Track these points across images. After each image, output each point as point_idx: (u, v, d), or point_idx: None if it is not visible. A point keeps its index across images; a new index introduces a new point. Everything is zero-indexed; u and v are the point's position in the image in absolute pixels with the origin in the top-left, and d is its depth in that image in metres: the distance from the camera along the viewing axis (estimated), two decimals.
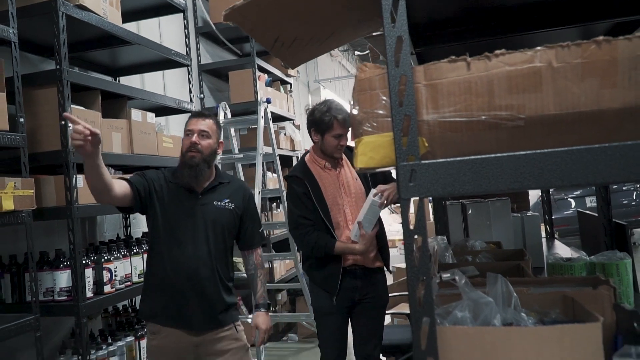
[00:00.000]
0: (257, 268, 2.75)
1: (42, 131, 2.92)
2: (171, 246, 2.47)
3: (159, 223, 2.49)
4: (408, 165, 1.10)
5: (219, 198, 2.57)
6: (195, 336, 2.48)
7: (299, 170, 3.02)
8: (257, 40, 1.54)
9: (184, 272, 2.44)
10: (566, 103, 1.04)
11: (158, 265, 2.50)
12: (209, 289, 2.48)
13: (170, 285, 2.46)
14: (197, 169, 2.48)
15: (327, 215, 2.89)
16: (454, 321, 1.24)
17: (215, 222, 2.52)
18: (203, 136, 2.52)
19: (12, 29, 2.61)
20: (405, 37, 1.08)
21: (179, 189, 2.53)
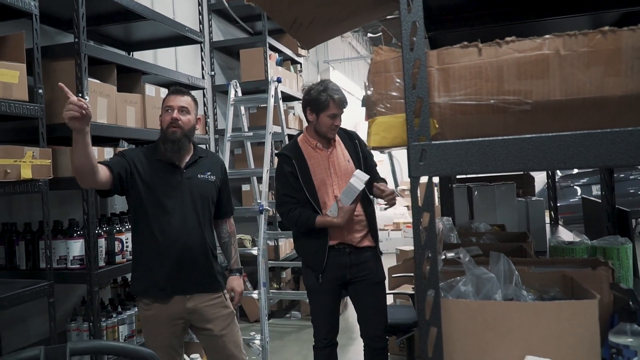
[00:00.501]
0: (230, 236, 2.89)
1: (59, 103, 2.97)
2: (160, 219, 2.54)
3: (144, 199, 2.55)
4: (419, 145, 1.15)
5: (202, 171, 2.67)
6: (188, 303, 2.59)
7: (288, 148, 3.09)
8: (277, 20, 1.59)
9: (176, 243, 2.54)
10: (572, 89, 1.10)
11: (149, 240, 2.56)
12: (200, 257, 2.60)
13: (163, 257, 2.54)
14: (179, 144, 2.56)
15: (314, 195, 2.95)
16: (457, 295, 1.31)
17: (201, 194, 2.63)
18: (183, 112, 2.59)
19: (33, 2, 2.66)
20: (420, 23, 1.13)
21: (161, 164, 2.60)
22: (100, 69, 3.27)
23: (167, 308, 2.58)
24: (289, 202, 2.99)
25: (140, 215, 2.59)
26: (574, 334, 1.17)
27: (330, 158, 3.01)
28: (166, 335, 2.60)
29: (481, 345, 1.21)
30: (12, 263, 3.07)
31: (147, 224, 2.56)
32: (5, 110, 2.45)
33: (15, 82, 2.51)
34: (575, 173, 9.90)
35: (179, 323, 2.62)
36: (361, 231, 2.99)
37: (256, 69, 5.87)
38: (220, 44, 6.06)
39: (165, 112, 2.61)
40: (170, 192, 2.57)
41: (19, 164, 2.45)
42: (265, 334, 4.36)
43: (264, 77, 5.76)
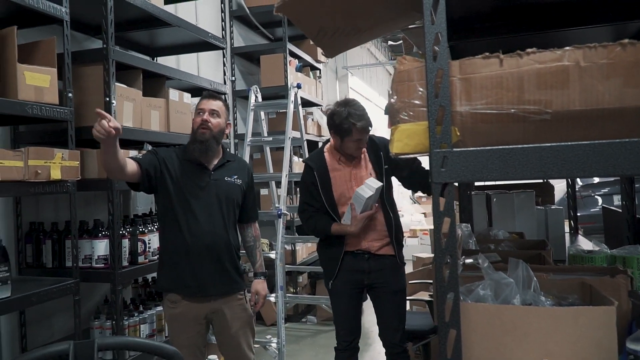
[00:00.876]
0: (255, 240, 2.97)
1: (87, 106, 3.07)
2: (188, 218, 2.63)
3: (173, 197, 2.64)
4: (441, 152, 1.19)
5: (229, 174, 2.76)
6: (212, 303, 2.68)
7: (313, 158, 3.12)
8: (302, 30, 1.64)
9: (203, 243, 2.62)
10: (591, 100, 1.13)
11: (176, 238, 2.65)
12: (225, 257, 2.68)
13: (190, 256, 2.62)
14: (206, 144, 2.66)
15: (333, 206, 2.99)
16: (476, 298, 1.34)
17: (227, 196, 2.71)
18: (213, 115, 2.69)
19: (64, 8, 2.75)
20: (443, 34, 1.17)
21: (190, 165, 2.69)
22: (126, 74, 3.35)
23: (193, 307, 2.65)
24: (309, 210, 3.06)
25: (169, 213, 2.67)
26: (592, 340, 1.20)
27: (352, 171, 3.02)
28: (191, 334, 2.67)
29: (499, 348, 1.24)
30: (39, 261, 3.16)
31: (174, 222, 2.64)
32: (37, 113, 2.53)
33: (47, 86, 2.59)
34: (597, 182, 9.80)
35: (203, 322, 2.70)
36: (380, 240, 3.00)
37: (276, 75, 5.93)
38: (241, 49, 6.13)
39: (197, 114, 2.71)
40: (198, 192, 2.65)
41: (49, 165, 2.53)
42: (282, 337, 4.40)
43: (283, 83, 5.83)
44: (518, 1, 1.78)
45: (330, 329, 5.69)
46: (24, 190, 2.47)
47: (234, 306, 2.73)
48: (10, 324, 3.13)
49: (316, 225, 3.02)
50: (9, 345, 3.12)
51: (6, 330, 3.11)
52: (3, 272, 2.37)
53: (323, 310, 5.98)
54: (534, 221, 3.03)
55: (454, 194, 1.20)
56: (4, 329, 3.10)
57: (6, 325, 3.11)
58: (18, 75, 2.45)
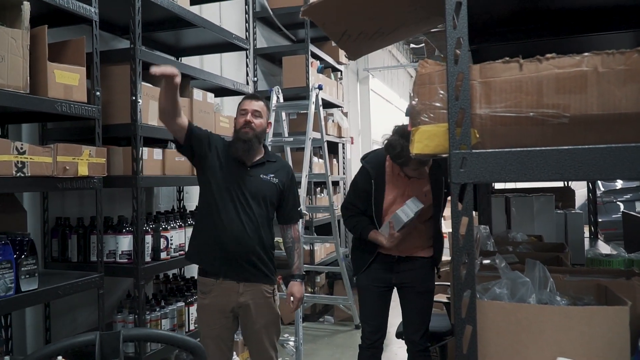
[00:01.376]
0: (294, 242, 3.01)
1: (114, 105, 3.15)
2: (220, 205, 2.73)
3: (214, 182, 2.76)
4: (460, 153, 1.22)
5: (265, 172, 2.84)
6: (240, 297, 2.75)
7: (373, 164, 3.07)
8: (327, 32, 1.68)
9: (229, 230, 2.71)
10: (608, 105, 1.15)
11: (209, 220, 2.76)
12: (253, 250, 2.74)
13: (218, 241, 2.72)
14: (249, 143, 2.76)
15: (379, 215, 3.01)
16: (492, 297, 1.37)
17: (257, 192, 2.78)
18: (256, 115, 2.79)
19: (93, 8, 2.82)
20: (464, 39, 1.21)
21: (232, 159, 2.79)
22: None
23: (221, 299, 2.74)
24: (353, 209, 3.11)
25: (204, 194, 2.81)
26: (605, 339, 1.22)
27: (408, 185, 2.99)
28: (217, 327, 2.76)
29: (514, 345, 1.27)
30: (64, 255, 3.24)
31: (207, 205, 2.77)
32: (66, 111, 2.60)
33: (76, 85, 2.66)
34: (619, 189, 9.70)
35: (229, 316, 2.78)
36: (416, 246, 3.04)
37: (298, 76, 5.98)
38: (263, 50, 6.20)
39: (240, 114, 2.81)
40: (233, 184, 2.75)
41: (76, 162, 2.60)
42: (300, 336, 4.45)
43: (305, 84, 5.87)
44: (538, 7, 1.81)
45: (348, 329, 5.74)
46: (52, 185, 2.54)
47: (260, 303, 2.79)
48: (35, 316, 3.21)
49: (356, 226, 3.06)
50: (33, 337, 3.21)
51: (31, 322, 3.20)
52: (31, 264, 2.44)
53: (340, 310, 6.02)
54: (553, 225, 3.03)
55: (472, 195, 1.23)
56: (29, 321, 3.19)
57: (31, 318, 3.20)
58: (48, 73, 2.52)
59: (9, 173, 2.25)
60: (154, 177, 3.28)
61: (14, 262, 2.32)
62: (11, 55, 2.28)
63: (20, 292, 2.35)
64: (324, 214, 6.11)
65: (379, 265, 3.05)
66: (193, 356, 1.60)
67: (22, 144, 2.32)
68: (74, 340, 1.53)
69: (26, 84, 2.36)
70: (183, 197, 4.61)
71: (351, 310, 5.73)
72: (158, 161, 3.34)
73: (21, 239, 2.41)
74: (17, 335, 3.06)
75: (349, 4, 1.49)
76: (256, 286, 2.78)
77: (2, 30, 2.25)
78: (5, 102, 2.26)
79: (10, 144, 2.27)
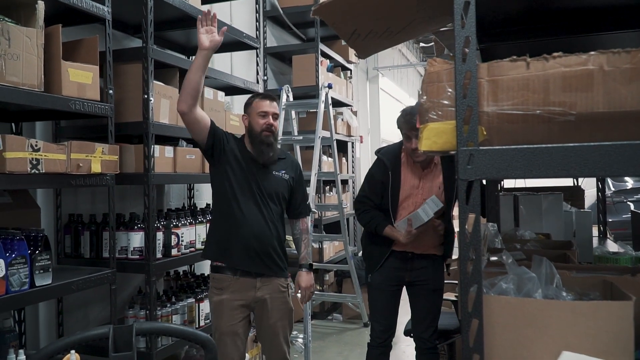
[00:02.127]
0: (302, 233, 3.08)
1: (126, 103, 3.19)
2: (239, 200, 2.78)
3: (231, 180, 2.79)
4: (467, 150, 1.25)
5: (278, 169, 2.92)
6: (257, 292, 2.81)
7: (389, 155, 3.11)
8: (337, 31, 1.71)
9: (254, 229, 2.77)
10: (614, 103, 1.17)
11: (227, 215, 2.80)
12: (269, 244, 2.81)
13: (240, 237, 2.77)
14: (272, 147, 2.85)
15: (395, 208, 3.05)
16: (498, 291, 1.39)
17: (272, 188, 2.86)
18: (275, 118, 2.88)
19: (107, 7, 2.86)
20: (472, 38, 1.23)
21: (247, 156, 2.85)
22: (163, 72, 3.47)
23: (239, 295, 2.78)
24: (368, 203, 3.14)
25: (222, 192, 2.82)
26: (610, 333, 1.24)
27: (423, 178, 3.03)
28: (234, 322, 2.78)
29: (520, 339, 1.29)
30: (77, 252, 3.29)
31: (226, 202, 2.80)
32: (79, 109, 2.64)
33: (89, 83, 2.70)
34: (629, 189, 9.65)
35: (246, 311, 2.83)
36: (431, 244, 3.06)
37: (307, 75, 6.00)
38: (273, 49, 6.22)
39: (260, 116, 2.84)
40: (251, 181, 2.80)
41: (90, 159, 2.65)
42: (308, 333, 4.48)
43: (314, 83, 5.90)
44: (546, 7, 1.82)
45: (356, 326, 5.77)
46: (66, 182, 2.58)
47: (276, 297, 2.85)
48: (48, 311, 3.26)
49: (371, 221, 3.09)
50: (46, 332, 3.26)
51: (44, 317, 3.25)
52: (45, 260, 2.48)
53: (349, 308, 6.05)
54: (562, 223, 3.04)
55: (479, 191, 1.26)
56: (42, 316, 3.24)
57: (44, 313, 3.25)
58: (62, 72, 2.56)
59: (24, 170, 2.29)
60: (165, 174, 3.33)
61: (29, 257, 2.37)
62: (26, 53, 2.33)
63: (34, 287, 2.40)
64: (333, 212, 6.14)
65: (393, 263, 3.08)
66: (204, 350, 1.63)
67: (36, 142, 2.36)
68: (88, 334, 1.57)
69: (41, 82, 2.40)
70: (193, 194, 4.66)
71: (359, 308, 5.76)
72: (169, 159, 3.38)
73: (35, 234, 2.46)
74: (30, 330, 3.11)
75: (359, 4, 1.51)
76: (272, 281, 2.85)
77: (17, 29, 2.29)
78: (21, 100, 2.30)
79: (26, 141, 2.31)
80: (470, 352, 1.25)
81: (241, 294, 2.79)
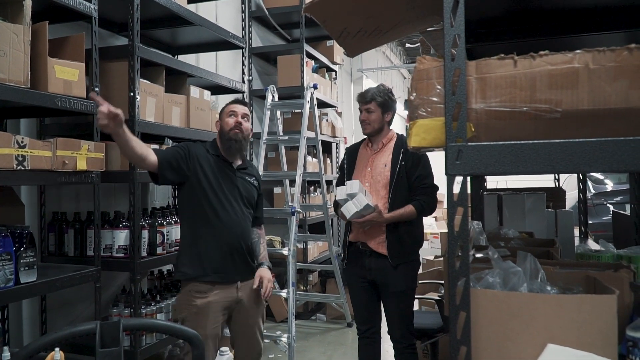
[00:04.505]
0: (260, 237, 3.10)
1: (112, 101, 3.13)
2: (220, 209, 2.79)
3: (206, 190, 2.78)
4: (456, 145, 1.27)
5: (248, 175, 3.00)
6: (239, 292, 2.84)
7: (352, 147, 3.44)
8: (327, 29, 1.72)
9: (235, 231, 2.82)
10: (599, 100, 1.21)
11: (207, 227, 2.79)
12: (249, 247, 2.91)
13: (222, 243, 2.78)
14: (240, 144, 2.90)
15: None
16: (485, 285, 1.42)
17: (246, 192, 2.94)
18: (244, 119, 2.92)
19: (93, 5, 2.86)
20: (461, 36, 1.26)
21: (220, 161, 2.88)
22: (149, 70, 3.46)
23: (221, 297, 2.78)
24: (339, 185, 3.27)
25: (199, 205, 2.79)
26: (594, 326, 1.27)
27: (371, 157, 3.21)
28: (215, 325, 2.76)
29: (506, 332, 1.31)
30: (61, 250, 3.27)
31: (205, 213, 2.78)
32: (65, 106, 2.63)
33: (75, 80, 2.69)
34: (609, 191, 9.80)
35: (226, 313, 2.84)
36: (377, 237, 3.10)
37: (293, 75, 6.02)
38: (259, 50, 6.23)
39: (228, 116, 2.90)
40: (228, 185, 2.85)
41: (75, 156, 2.64)
42: (293, 332, 4.48)
43: (299, 83, 5.91)
44: (533, 7, 1.86)
45: (340, 326, 5.79)
46: (51, 179, 2.57)
47: (251, 297, 2.88)
48: (32, 309, 3.24)
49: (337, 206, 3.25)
50: (30, 330, 3.23)
51: (27, 315, 3.23)
52: (30, 257, 2.47)
53: (332, 308, 6.06)
54: (544, 222, 3.10)
55: (466, 186, 1.28)
56: (25, 314, 3.21)
57: (28, 311, 3.22)
58: (49, 68, 2.55)
59: (9, 166, 2.28)
60: None
61: (14, 254, 2.35)
62: (13, 50, 2.31)
63: (19, 283, 2.38)
64: (318, 212, 6.15)
65: (354, 262, 3.19)
66: (191, 346, 1.63)
67: (22, 138, 2.35)
68: (75, 329, 1.56)
69: (27, 79, 2.39)
70: (178, 193, 4.64)
71: (343, 309, 5.77)
72: None
73: (20, 231, 2.44)
74: (13, 327, 3.08)
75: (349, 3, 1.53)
76: (249, 282, 2.87)
77: (4, 26, 2.28)
78: (7, 97, 2.29)
79: (12, 137, 2.30)
80: (457, 344, 1.27)
81: (224, 296, 2.79)
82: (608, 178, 10.05)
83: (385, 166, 3.13)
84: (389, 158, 3.15)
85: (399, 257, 3.07)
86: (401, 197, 3.06)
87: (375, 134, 3.20)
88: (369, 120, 3.17)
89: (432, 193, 3.10)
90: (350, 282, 3.29)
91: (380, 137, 3.20)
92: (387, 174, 3.11)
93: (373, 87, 3.28)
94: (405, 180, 3.07)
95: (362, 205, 2.91)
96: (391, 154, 3.16)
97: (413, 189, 3.07)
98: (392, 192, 3.06)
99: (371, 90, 3.20)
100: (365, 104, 3.17)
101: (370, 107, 3.15)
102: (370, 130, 3.19)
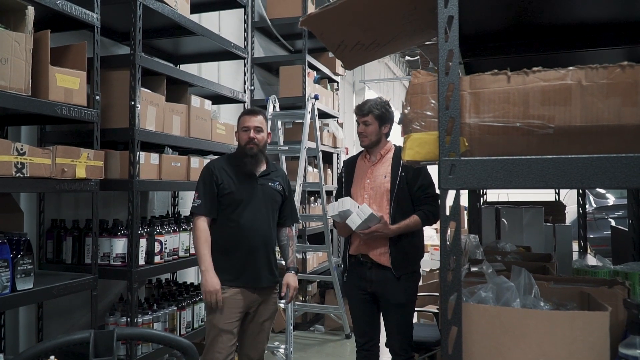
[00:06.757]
0: (289, 239, 3.29)
1: (113, 109, 3.20)
2: (239, 212, 2.98)
3: (230, 200, 2.98)
4: (449, 160, 1.28)
5: (272, 181, 3.11)
6: (258, 294, 3.00)
7: (350, 157, 3.47)
8: (324, 42, 1.74)
9: (260, 235, 3.00)
10: (591, 117, 1.21)
11: (232, 234, 2.97)
12: (270, 252, 3.07)
13: (246, 247, 2.96)
14: (256, 158, 3.05)
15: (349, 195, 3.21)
16: (478, 300, 1.41)
17: (271, 198, 3.10)
18: (257, 131, 3.04)
19: (96, 14, 2.87)
20: (455, 51, 1.26)
21: (241, 171, 3.03)
22: (151, 80, 3.48)
23: (240, 295, 2.94)
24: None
25: (224, 213, 3.00)
26: (586, 343, 1.26)
27: (370, 169, 3.21)
28: (232, 320, 2.92)
29: (497, 347, 1.31)
30: (58, 257, 3.27)
31: (230, 220, 2.98)
32: (66, 114, 2.64)
33: (76, 88, 2.71)
34: (611, 205, 9.76)
35: (244, 311, 2.98)
36: (380, 248, 3.09)
37: (294, 86, 6.04)
38: (261, 60, 6.26)
39: (243, 131, 3.05)
40: (248, 193, 3.00)
41: (75, 164, 2.64)
42: (290, 343, 4.47)
43: (301, 94, 5.93)
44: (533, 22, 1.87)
45: (338, 338, 5.76)
46: (50, 186, 2.57)
47: (269, 298, 3.06)
48: (28, 317, 3.23)
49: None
50: (26, 338, 3.22)
51: (24, 323, 3.22)
52: (27, 264, 2.47)
53: (331, 319, 6.04)
54: (542, 237, 3.09)
55: (459, 200, 1.28)
56: (22, 321, 3.21)
57: (24, 318, 3.22)
58: (50, 76, 2.57)
59: (8, 173, 2.29)
60: (150, 181, 3.33)
61: (11, 261, 2.35)
62: (14, 58, 2.33)
63: (16, 291, 2.38)
64: (317, 223, 6.15)
65: (355, 274, 3.18)
66: (185, 357, 1.63)
67: (22, 145, 2.36)
68: (69, 338, 1.56)
69: (28, 87, 2.40)
70: (178, 202, 4.65)
71: (342, 320, 5.76)
72: (154, 165, 3.39)
73: (18, 238, 2.44)
74: (9, 335, 3.08)
75: (346, 16, 1.55)
76: (270, 286, 3.07)
77: (6, 34, 2.29)
78: (8, 104, 2.30)
79: (11, 144, 2.31)
80: (449, 359, 1.26)
81: (243, 294, 2.95)
82: (609, 192, 10.02)
83: (384, 177, 3.14)
84: (388, 169, 3.16)
85: (402, 268, 3.07)
86: (403, 207, 3.07)
87: (373, 146, 3.21)
88: (366, 133, 3.18)
89: (435, 202, 3.09)
90: (350, 294, 3.29)
91: (378, 148, 3.21)
92: (387, 185, 3.11)
93: (371, 99, 3.29)
94: (407, 191, 3.08)
95: (367, 215, 2.91)
96: (390, 165, 3.17)
97: (416, 199, 3.08)
98: (394, 203, 3.06)
99: (368, 103, 3.21)
100: (362, 116, 3.18)
101: (367, 120, 3.16)
102: (368, 143, 3.20)
